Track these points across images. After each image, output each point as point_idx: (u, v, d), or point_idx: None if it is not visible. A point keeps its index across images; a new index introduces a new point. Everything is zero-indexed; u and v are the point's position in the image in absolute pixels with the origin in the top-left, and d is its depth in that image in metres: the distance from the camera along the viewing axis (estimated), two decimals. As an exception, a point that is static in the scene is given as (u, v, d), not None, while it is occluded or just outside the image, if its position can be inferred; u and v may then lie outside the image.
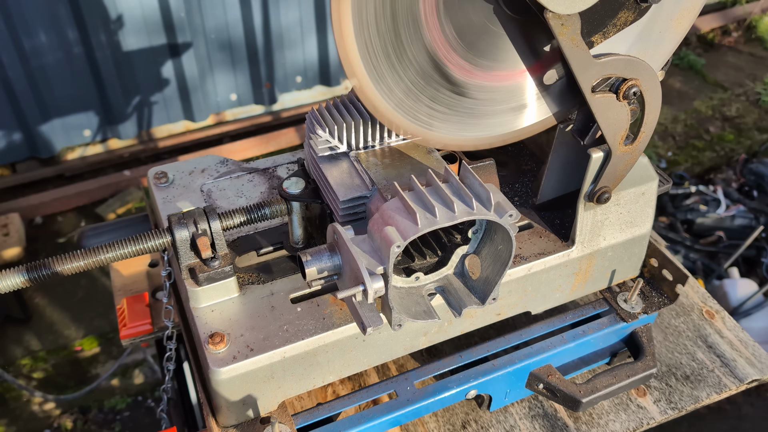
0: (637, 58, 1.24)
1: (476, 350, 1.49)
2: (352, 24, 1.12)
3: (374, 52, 1.17)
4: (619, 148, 1.33)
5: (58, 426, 3.41)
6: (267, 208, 1.34)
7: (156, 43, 4.30)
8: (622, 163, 1.36)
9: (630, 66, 1.24)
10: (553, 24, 1.14)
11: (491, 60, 1.26)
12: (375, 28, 1.14)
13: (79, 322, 3.84)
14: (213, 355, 1.21)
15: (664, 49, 1.33)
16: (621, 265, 1.57)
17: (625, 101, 1.27)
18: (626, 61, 1.23)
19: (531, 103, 1.35)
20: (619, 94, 1.26)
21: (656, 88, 1.28)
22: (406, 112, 1.25)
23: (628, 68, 1.24)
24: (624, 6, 1.19)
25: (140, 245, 1.25)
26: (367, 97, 1.21)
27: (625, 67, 1.24)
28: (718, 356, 1.66)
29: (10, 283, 1.17)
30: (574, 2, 1.12)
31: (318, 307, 1.31)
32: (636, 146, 1.35)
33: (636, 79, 1.25)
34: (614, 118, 1.29)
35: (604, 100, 1.26)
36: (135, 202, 4.50)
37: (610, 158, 1.34)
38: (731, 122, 5.43)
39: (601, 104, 1.27)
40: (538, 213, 1.55)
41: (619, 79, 1.26)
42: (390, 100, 1.22)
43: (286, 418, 1.31)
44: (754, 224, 4.20)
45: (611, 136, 1.31)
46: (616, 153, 1.33)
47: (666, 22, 1.29)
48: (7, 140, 4.34)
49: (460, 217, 1.11)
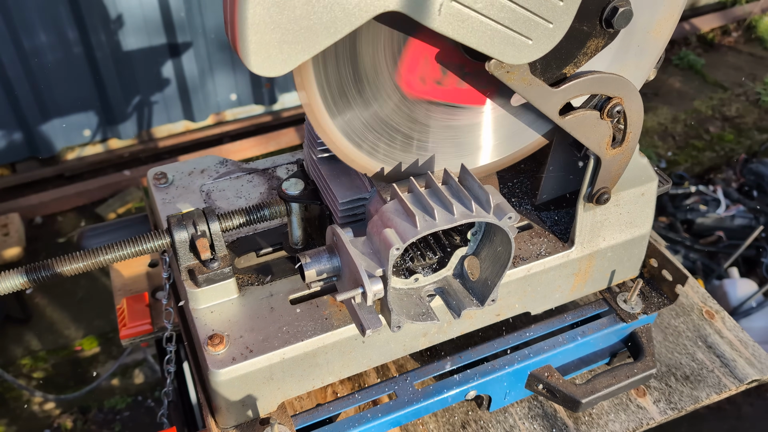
0: (605, 75, 1.21)
1: (476, 351, 1.49)
2: (322, 104, 1.13)
3: (349, 123, 1.18)
4: (608, 153, 1.33)
5: (58, 426, 3.41)
6: (266, 210, 1.34)
7: (156, 43, 4.30)
8: (616, 163, 1.36)
9: (599, 83, 1.21)
10: (498, 74, 1.11)
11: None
12: (339, 89, 1.15)
13: (79, 322, 3.84)
14: (212, 357, 1.21)
15: (647, 60, 1.31)
16: (621, 266, 1.57)
17: (608, 119, 1.27)
18: (591, 80, 1.20)
19: (486, 145, 1.36)
20: (603, 112, 1.25)
21: (635, 100, 1.26)
22: (376, 157, 1.26)
23: (595, 86, 1.21)
24: (591, 35, 1.16)
25: (139, 246, 1.25)
26: (331, 141, 1.21)
27: (590, 85, 1.21)
28: (717, 356, 1.66)
29: (9, 284, 1.17)
30: (521, 53, 1.07)
31: (317, 308, 1.31)
32: (626, 146, 1.34)
33: (619, 98, 1.24)
34: (593, 131, 1.28)
35: (576, 118, 1.24)
36: (135, 202, 4.50)
37: (601, 163, 1.34)
38: (731, 122, 5.43)
39: (575, 123, 1.25)
40: (537, 213, 1.55)
41: (603, 97, 1.25)
42: (364, 151, 1.24)
43: (286, 418, 1.31)
44: (754, 224, 4.19)
45: (595, 146, 1.30)
46: (605, 158, 1.33)
47: (642, 35, 1.26)
48: (7, 140, 4.34)
49: (459, 219, 1.11)
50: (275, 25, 0.91)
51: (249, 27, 0.90)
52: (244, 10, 0.89)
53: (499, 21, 1.02)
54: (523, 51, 1.07)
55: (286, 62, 0.95)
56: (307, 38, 0.94)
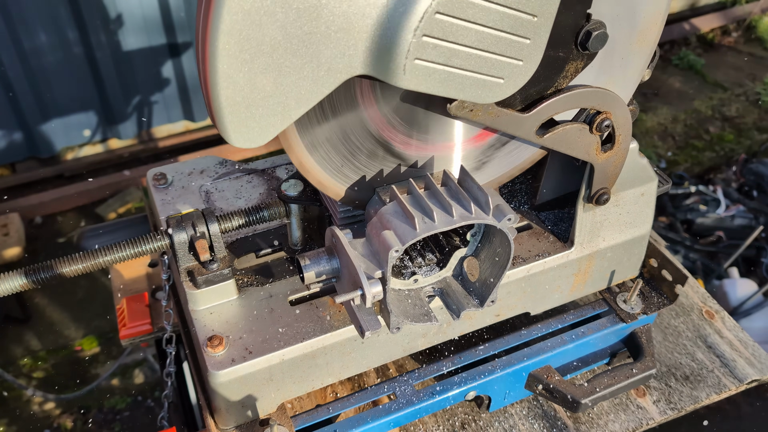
0: (580, 90, 1.19)
1: (476, 351, 1.49)
2: (300, 141, 1.16)
3: (326, 153, 1.20)
4: (599, 158, 1.32)
5: (58, 426, 3.41)
6: (266, 211, 1.34)
7: (156, 43, 4.30)
8: (611, 165, 1.35)
9: (576, 98, 1.19)
10: (461, 115, 1.11)
11: (431, 133, 1.26)
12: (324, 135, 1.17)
13: (79, 322, 3.84)
14: (212, 358, 1.21)
15: (634, 69, 1.29)
16: (620, 266, 1.57)
17: (598, 133, 1.26)
18: (565, 98, 1.18)
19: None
20: (593, 127, 1.25)
21: (619, 106, 1.24)
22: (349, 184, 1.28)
23: (570, 102, 1.20)
24: (569, 59, 1.16)
25: (139, 248, 1.24)
26: (311, 175, 1.23)
27: (565, 103, 1.19)
28: (717, 356, 1.66)
29: (8, 286, 1.17)
30: (494, 92, 1.07)
31: (317, 309, 1.31)
32: (617, 148, 1.33)
33: (607, 113, 1.23)
34: (577, 142, 1.27)
35: (557, 135, 1.23)
36: (135, 202, 4.50)
37: (595, 168, 1.34)
38: (731, 122, 5.43)
39: (556, 140, 1.24)
40: (537, 213, 1.54)
41: (592, 110, 1.24)
42: (339, 179, 1.25)
43: (285, 419, 1.31)
44: (753, 224, 4.19)
45: (584, 154, 1.30)
46: (598, 162, 1.33)
47: (625, 47, 1.24)
48: (7, 140, 4.34)
49: (459, 221, 1.11)
50: (248, 104, 0.97)
51: (224, 108, 0.96)
52: (217, 94, 0.94)
53: (466, 68, 1.02)
54: (496, 90, 1.07)
55: (264, 134, 1.01)
56: (281, 111, 0.99)
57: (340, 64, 0.97)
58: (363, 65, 0.98)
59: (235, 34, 0.89)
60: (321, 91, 0.99)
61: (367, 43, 0.96)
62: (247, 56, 0.92)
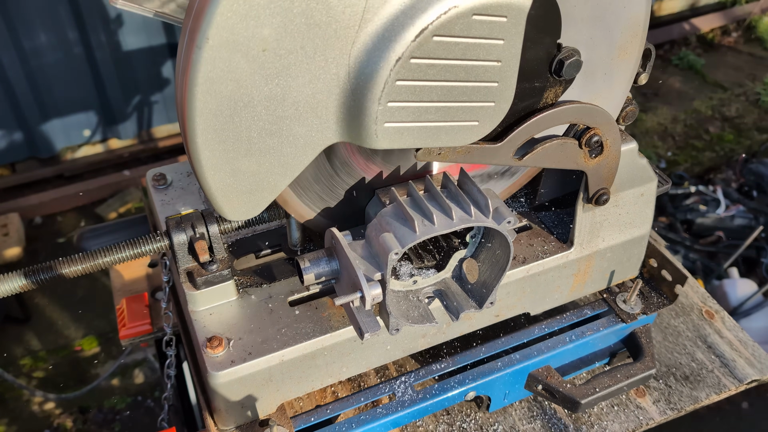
0: (552, 110, 1.18)
1: (475, 351, 1.49)
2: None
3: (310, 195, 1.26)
4: (589, 164, 1.31)
5: (58, 426, 3.41)
6: (265, 212, 1.34)
7: (156, 43, 4.30)
8: (604, 167, 1.35)
9: (550, 119, 1.18)
10: (430, 159, 1.12)
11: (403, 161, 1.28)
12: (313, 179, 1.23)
13: (79, 322, 3.84)
14: (211, 359, 1.21)
15: (620, 81, 1.27)
16: (620, 266, 1.57)
17: (587, 149, 1.25)
18: (538, 120, 1.17)
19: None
20: (581, 142, 1.24)
21: (600, 115, 1.23)
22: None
23: (544, 123, 1.18)
24: (546, 87, 1.15)
25: (138, 249, 1.24)
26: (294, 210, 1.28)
27: (538, 125, 1.18)
28: (717, 356, 1.66)
29: (8, 287, 1.17)
30: (471, 134, 1.08)
31: (316, 309, 1.31)
32: (608, 153, 1.31)
33: (596, 129, 1.23)
34: (562, 156, 1.26)
35: (537, 155, 1.22)
36: (135, 202, 4.50)
37: (588, 173, 1.33)
38: (731, 122, 5.43)
39: (538, 158, 1.23)
40: (536, 214, 1.55)
41: (581, 126, 1.23)
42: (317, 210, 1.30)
43: (285, 420, 1.31)
44: (753, 224, 4.19)
45: (572, 164, 1.29)
46: (589, 168, 1.32)
47: (606, 63, 1.23)
48: (7, 140, 4.34)
49: (458, 224, 1.11)
50: (236, 187, 1.05)
51: (215, 194, 1.05)
52: (207, 183, 1.02)
53: (438, 120, 1.04)
54: (472, 132, 1.09)
55: (255, 207, 1.09)
56: (267, 186, 1.07)
57: (315, 138, 1.02)
58: (337, 134, 1.03)
59: (211, 131, 0.97)
60: (302, 162, 1.05)
61: (336, 115, 1.00)
62: (228, 146, 0.99)
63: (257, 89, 0.94)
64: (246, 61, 0.91)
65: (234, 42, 0.88)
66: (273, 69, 0.93)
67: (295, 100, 0.97)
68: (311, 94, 0.97)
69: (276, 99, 0.96)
